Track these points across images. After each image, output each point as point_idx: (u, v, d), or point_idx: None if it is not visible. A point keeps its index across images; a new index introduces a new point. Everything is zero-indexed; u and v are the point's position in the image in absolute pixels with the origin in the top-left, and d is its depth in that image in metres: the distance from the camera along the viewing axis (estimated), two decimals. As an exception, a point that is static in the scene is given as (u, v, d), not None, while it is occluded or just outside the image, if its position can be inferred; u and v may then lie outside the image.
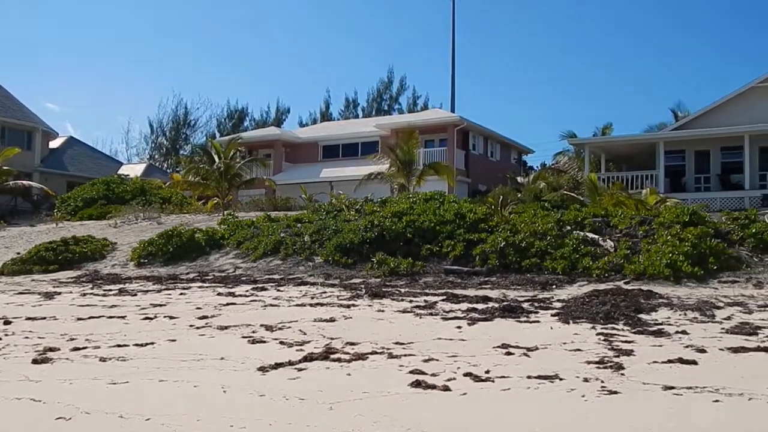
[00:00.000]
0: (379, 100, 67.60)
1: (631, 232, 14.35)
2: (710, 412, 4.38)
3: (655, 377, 5.26)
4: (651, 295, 9.99)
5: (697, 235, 12.80)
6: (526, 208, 18.34)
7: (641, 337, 7.02)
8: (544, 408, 4.58)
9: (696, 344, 6.50)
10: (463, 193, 32.87)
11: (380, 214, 16.58)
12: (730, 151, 29.94)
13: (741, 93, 30.41)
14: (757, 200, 27.01)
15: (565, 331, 7.43)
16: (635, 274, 11.89)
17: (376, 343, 6.82)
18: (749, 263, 12.54)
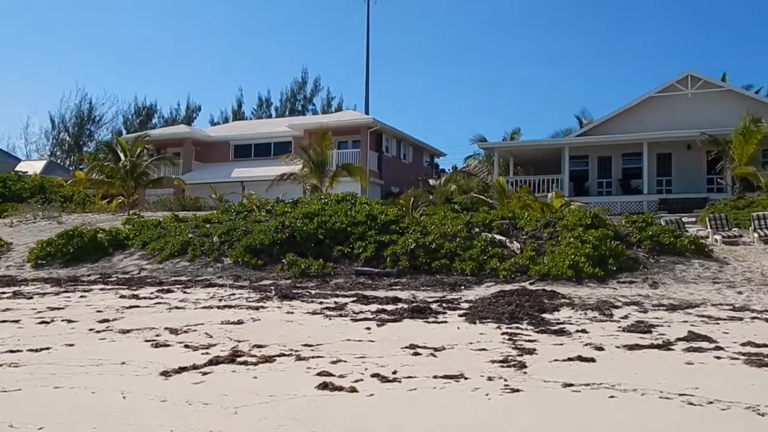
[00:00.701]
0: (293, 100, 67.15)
1: (536, 234, 14.78)
2: (606, 408, 4.54)
3: (556, 375, 5.42)
4: (554, 295, 10.32)
5: (598, 237, 13.31)
6: (436, 210, 18.62)
7: (544, 336, 7.22)
8: (449, 407, 4.64)
9: (595, 342, 6.74)
10: (376, 195, 33.06)
11: (291, 215, 16.45)
12: (630, 158, 31.30)
13: (641, 102, 31.86)
14: (654, 204, 28.33)
15: (472, 331, 7.56)
16: (540, 275, 12.25)
17: (284, 346, 6.75)
18: (646, 264, 13.14)
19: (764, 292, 10.58)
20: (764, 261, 14.21)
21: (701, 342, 6.67)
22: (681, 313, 8.74)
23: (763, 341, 6.64)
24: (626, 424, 4.24)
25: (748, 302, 9.65)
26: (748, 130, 25.30)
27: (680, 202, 27.77)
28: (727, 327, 7.67)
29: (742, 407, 4.46)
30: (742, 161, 25.32)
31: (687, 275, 12.42)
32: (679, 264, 13.33)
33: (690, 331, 7.16)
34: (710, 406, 4.53)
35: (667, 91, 31.51)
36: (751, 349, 6.33)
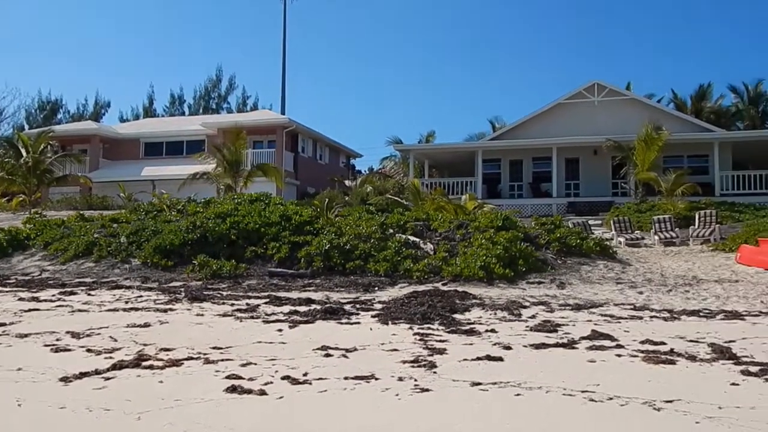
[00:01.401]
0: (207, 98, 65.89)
1: (449, 235, 15.00)
2: (512, 406, 4.64)
3: (465, 374, 5.50)
4: (466, 295, 10.48)
5: (509, 239, 13.62)
6: (352, 212, 18.62)
7: (454, 336, 7.32)
8: (359, 408, 4.64)
9: (503, 342, 6.88)
10: (292, 196, 32.81)
11: (204, 215, 16.10)
12: (540, 162, 32.26)
13: (550, 108, 32.86)
14: (563, 207, 29.27)
15: (384, 332, 7.59)
16: (452, 276, 12.42)
17: (192, 349, 6.58)
18: (554, 265, 13.53)
19: (663, 292, 11.07)
20: (664, 262, 14.90)
21: (603, 340, 6.91)
22: (585, 312, 9.03)
23: (661, 339, 6.93)
24: (530, 421, 4.34)
25: (648, 302, 10.06)
26: (650, 137, 26.49)
27: (587, 205, 28.80)
28: (628, 325, 7.97)
29: (640, 402, 4.64)
30: (645, 167, 26.47)
31: (592, 276, 12.86)
32: (585, 265, 13.80)
33: (593, 330, 7.41)
34: (610, 402, 4.69)
35: (575, 98, 32.63)
36: (649, 346, 6.60)
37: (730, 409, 4.48)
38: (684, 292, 10.95)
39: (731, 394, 4.87)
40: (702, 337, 7.13)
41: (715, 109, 42.10)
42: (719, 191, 28.07)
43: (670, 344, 6.68)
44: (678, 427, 4.17)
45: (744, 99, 42.22)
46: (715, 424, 4.19)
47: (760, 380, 5.27)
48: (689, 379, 5.38)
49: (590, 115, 31.86)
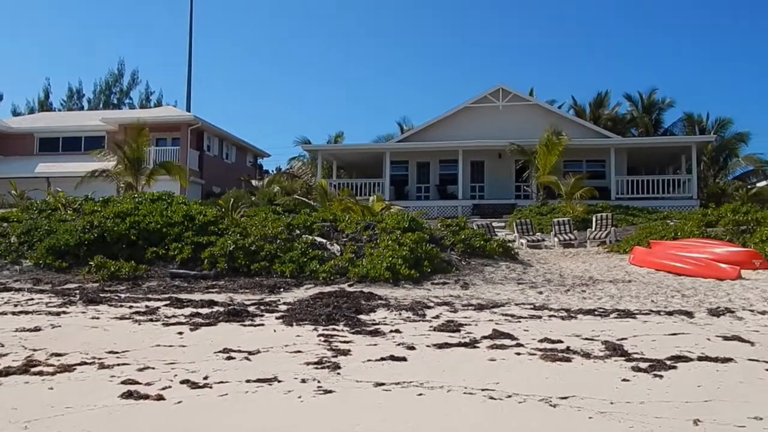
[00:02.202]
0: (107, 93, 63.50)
1: (356, 236, 15.02)
2: (414, 405, 4.68)
3: (369, 375, 5.51)
4: (371, 296, 10.51)
5: (415, 240, 13.76)
6: (258, 212, 18.37)
7: (359, 336, 7.32)
8: (260, 411, 4.57)
9: (407, 342, 6.93)
10: (196, 195, 32.08)
11: (102, 214, 15.47)
12: (447, 164, 32.81)
13: (457, 111, 33.48)
14: (468, 209, 29.87)
15: (288, 334, 7.50)
16: (358, 277, 12.43)
17: (86, 353, 6.31)
18: (458, 266, 13.77)
19: (561, 292, 11.44)
20: (563, 263, 15.43)
21: (504, 339, 7.07)
22: (488, 312, 9.22)
23: (558, 337, 7.15)
24: (431, 420, 4.38)
25: (547, 301, 10.37)
26: (551, 142, 27.42)
27: (491, 208, 29.51)
28: (528, 324, 8.18)
29: (537, 399, 4.77)
30: (546, 171, 27.38)
31: (495, 276, 13.16)
32: (488, 266, 14.11)
33: (495, 330, 7.57)
34: (509, 399, 4.80)
35: (480, 102, 33.37)
36: (547, 345, 6.80)
37: (621, 404, 4.67)
38: (581, 292, 11.36)
39: (622, 390, 5.07)
40: (597, 335, 7.40)
41: (612, 116, 43.96)
42: (615, 195, 29.34)
43: (567, 342, 6.91)
44: (572, 423, 4.31)
45: (638, 107, 44.25)
46: (607, 419, 4.35)
47: (649, 376, 5.51)
48: (584, 376, 5.57)
49: (495, 119, 32.66)
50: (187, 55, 47.18)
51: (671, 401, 4.74)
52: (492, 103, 33.24)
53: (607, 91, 44.79)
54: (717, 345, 6.87)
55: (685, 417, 4.36)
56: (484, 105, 33.30)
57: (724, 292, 11.03)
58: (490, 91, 33.39)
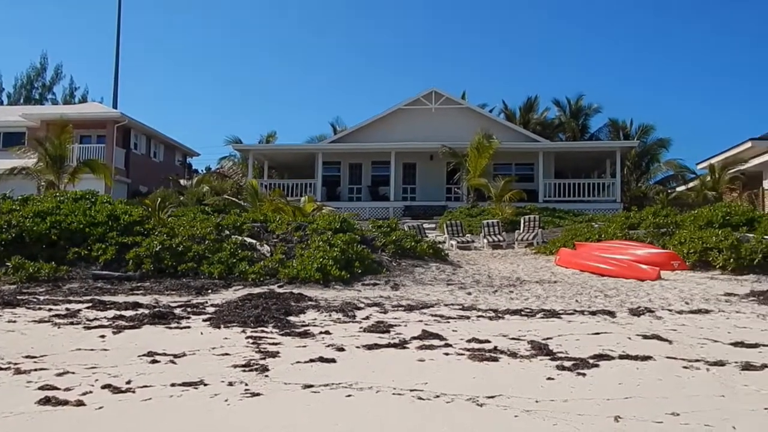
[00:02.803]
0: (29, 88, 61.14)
1: (287, 237, 14.89)
2: (343, 407, 4.66)
3: (297, 377, 5.46)
4: (301, 298, 10.43)
5: (346, 241, 13.74)
6: (186, 212, 18.04)
7: (288, 338, 7.25)
8: (185, 415, 4.47)
9: (337, 343, 6.90)
10: (122, 194, 31.23)
11: (20, 213, 14.86)
12: (379, 166, 32.89)
13: (390, 113, 33.60)
14: (399, 210, 30.03)
15: (216, 336, 7.37)
16: (289, 278, 12.33)
17: (2, 358, 6.04)
18: (389, 267, 13.82)
19: (489, 292, 11.62)
20: (491, 264, 15.67)
21: (433, 340, 7.12)
22: (417, 313, 9.27)
23: (486, 337, 7.25)
24: (359, 421, 4.37)
25: (476, 302, 10.51)
26: (482, 145, 27.83)
27: (422, 209, 29.74)
28: (457, 325, 8.27)
29: (464, 399, 4.82)
30: (476, 173, 27.77)
31: (425, 277, 13.26)
32: (418, 267, 14.21)
33: (424, 330, 7.62)
34: (437, 399, 4.83)
35: (414, 105, 33.58)
36: (475, 345, 6.88)
37: (546, 402, 4.76)
38: (509, 293, 11.56)
39: (547, 388, 5.17)
40: (523, 335, 7.54)
41: (540, 121, 44.95)
42: (543, 198, 30.00)
43: (495, 342, 7.01)
44: (498, 422, 4.37)
45: (566, 112, 45.37)
46: (532, 417, 4.42)
47: (572, 374, 5.64)
48: (510, 375, 5.66)
49: (428, 122, 32.93)
50: (114, 51, 45.80)
51: (593, 399, 4.86)
52: (425, 105, 33.51)
53: (537, 96, 45.79)
54: (637, 344, 7.09)
55: (607, 414, 4.47)
56: (417, 107, 33.54)
57: (645, 293, 11.40)
58: (423, 94, 33.64)
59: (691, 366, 6.00)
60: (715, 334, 7.75)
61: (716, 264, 13.50)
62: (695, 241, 14.26)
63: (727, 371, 5.80)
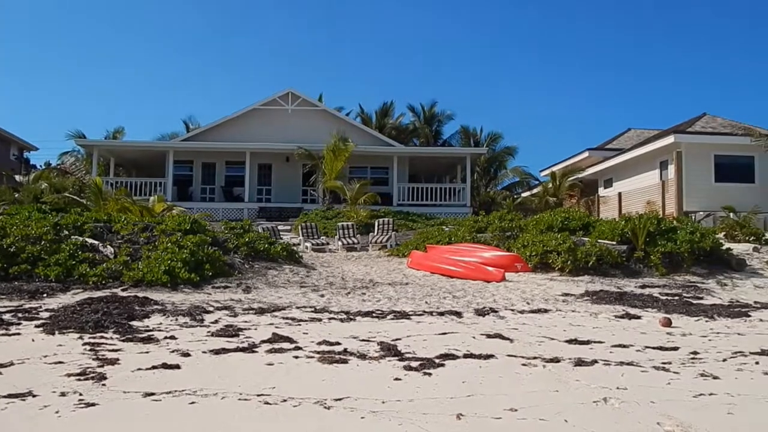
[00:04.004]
0: None
1: (133, 238, 14.20)
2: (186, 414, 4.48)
3: (138, 385, 5.20)
4: (147, 301, 9.97)
5: (196, 242, 13.31)
6: (20, 210, 16.77)
7: (130, 344, 6.90)
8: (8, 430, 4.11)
9: (182, 348, 6.65)
10: (-53, 190, 28.55)
11: None
12: (233, 166, 32.27)
13: (246, 113, 33.05)
14: (254, 212, 29.58)
15: (49, 343, 6.88)
16: (134, 281, 11.75)
17: None
18: (241, 269, 13.53)
19: (342, 294, 11.66)
20: (345, 266, 15.75)
21: (283, 343, 7.03)
22: (268, 316, 9.14)
23: (337, 339, 7.27)
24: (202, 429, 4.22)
25: (329, 304, 10.51)
26: (338, 148, 28.01)
27: (278, 211, 29.48)
28: (308, 327, 8.23)
29: (312, 402, 4.78)
30: (332, 176, 27.90)
31: (278, 280, 13.10)
32: (272, 269, 14.02)
33: (274, 333, 7.51)
34: (284, 403, 4.76)
35: (270, 105, 33.23)
36: (325, 347, 6.87)
37: (392, 402, 4.82)
38: (361, 295, 11.66)
39: (394, 389, 5.24)
40: (373, 336, 7.62)
41: (396, 126, 45.94)
42: (397, 201, 30.61)
43: (345, 344, 7.03)
44: (345, 424, 4.36)
45: (421, 118, 46.67)
46: (378, 418, 4.46)
47: (419, 374, 5.75)
48: (359, 377, 5.69)
49: (284, 123, 32.70)
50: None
51: (438, 397, 4.98)
52: (281, 106, 33.24)
53: (392, 102, 46.78)
54: (481, 343, 7.37)
55: (450, 412, 4.59)
56: (274, 108, 33.21)
57: (490, 294, 11.89)
58: (280, 94, 33.36)
59: (529, 363, 6.30)
60: (552, 333, 8.21)
61: (555, 266, 14.30)
62: (537, 245, 15.04)
63: (562, 367, 6.15)
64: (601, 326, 8.88)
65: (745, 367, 6.32)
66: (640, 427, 4.34)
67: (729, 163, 25.46)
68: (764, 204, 24.13)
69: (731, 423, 4.54)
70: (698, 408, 4.84)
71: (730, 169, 25.44)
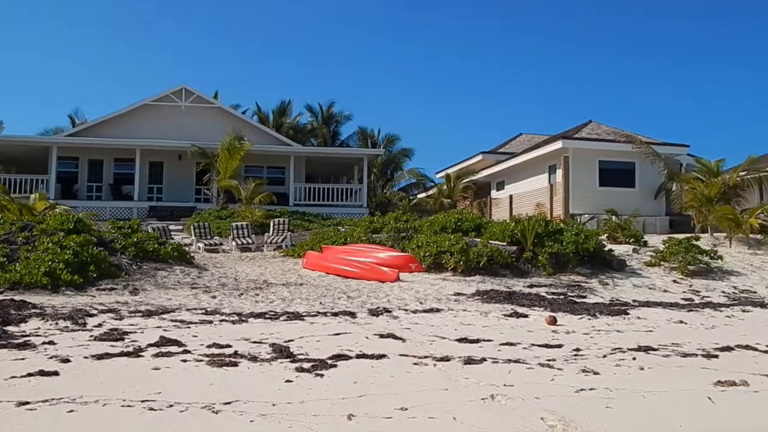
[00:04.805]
0: None
1: (10, 238, 13.40)
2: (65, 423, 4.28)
3: (11, 393, 4.91)
4: (24, 305, 9.42)
5: (80, 243, 12.72)
6: None
7: (4, 351, 6.50)
8: None
9: (62, 354, 6.33)
10: None
11: None
12: (123, 163, 31.07)
13: (136, 108, 31.88)
14: (144, 211, 28.59)
15: None
16: (10, 284, 11.08)
17: None
18: (129, 271, 13.04)
19: (235, 296, 11.44)
20: (239, 267, 15.46)
21: (171, 346, 6.82)
22: (156, 318, 8.84)
23: (227, 342, 7.12)
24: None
25: (220, 306, 10.28)
26: (233, 146, 27.46)
27: (169, 210, 28.59)
28: (198, 330, 8.01)
29: (200, 407, 4.65)
30: (227, 175, 27.33)
31: (168, 281, 12.70)
32: (161, 270, 13.59)
33: (162, 337, 7.27)
34: (170, 409, 4.61)
35: (162, 101, 32.20)
36: (215, 350, 6.71)
37: (283, 405, 4.76)
38: (254, 296, 11.47)
39: (285, 391, 5.17)
40: (266, 338, 7.51)
41: (293, 125, 45.57)
42: (293, 201, 30.35)
43: (236, 346, 6.90)
44: (233, 428, 4.27)
45: (318, 118, 46.54)
46: (268, 421, 4.39)
47: (311, 375, 5.71)
48: (249, 380, 5.59)
49: (177, 120, 31.77)
50: None
51: (329, 399, 4.96)
52: (174, 102, 32.26)
53: (290, 101, 46.35)
54: (374, 343, 7.41)
55: (341, 413, 4.58)
56: (166, 104, 32.19)
57: (384, 294, 11.98)
58: (173, 90, 32.38)
59: (421, 362, 6.38)
60: (444, 332, 8.36)
61: (448, 266, 14.58)
62: (431, 245, 15.29)
63: (452, 366, 6.26)
64: (490, 325, 9.12)
65: (623, 362, 6.64)
66: (524, 423, 4.47)
67: (612, 168, 26.76)
68: (644, 207, 25.55)
69: (609, 416, 4.75)
70: (579, 403, 5.04)
71: (613, 174, 26.74)
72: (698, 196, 22.09)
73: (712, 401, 5.20)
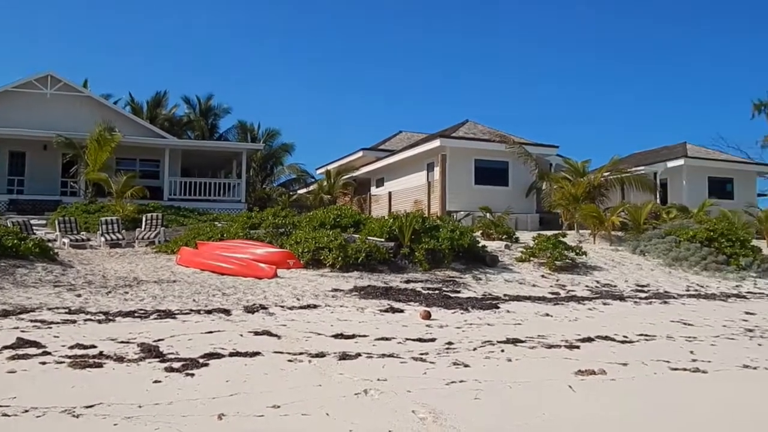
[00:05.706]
0: None
1: None
2: None
3: None
4: None
5: (-72, 237, 11.75)
6: None
7: None
8: None
9: None
10: None
11: None
12: (-21, 153, 28.97)
13: (-5, 95, 29.80)
14: (4, 205, 26.83)
15: None
16: None
17: None
18: (-16, 268, 12.16)
19: (102, 294, 10.91)
20: (107, 264, 14.78)
21: (29, 348, 6.42)
22: (14, 318, 8.29)
23: (92, 342, 6.79)
24: None
25: (85, 304, 9.77)
26: (103, 137, 26.19)
27: (32, 204, 26.94)
28: (60, 330, 7.58)
29: (59, 411, 4.43)
30: (96, 167, 26.04)
31: (28, 279, 11.94)
32: (21, 267, 12.77)
33: (19, 338, 6.84)
34: (25, 414, 4.36)
35: (25, 88, 30.25)
36: (78, 351, 6.38)
37: (150, 406, 4.59)
38: (123, 294, 10.99)
39: (153, 392, 4.99)
40: (134, 337, 7.22)
41: (169, 117, 44.03)
42: (168, 196, 29.33)
43: (101, 347, 6.59)
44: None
45: (196, 111, 45.22)
46: (134, 423, 4.22)
47: (181, 375, 5.54)
48: (114, 381, 5.35)
49: (42, 108, 29.92)
50: None
51: (199, 398, 4.83)
52: (39, 89, 30.38)
53: (166, 92, 44.73)
54: (248, 340, 7.29)
55: (211, 413, 4.48)
56: (30, 91, 30.25)
57: (261, 290, 11.81)
58: (38, 77, 30.47)
59: (295, 359, 6.34)
60: (320, 328, 8.34)
61: (327, 262, 14.57)
62: (309, 241, 15.22)
63: (327, 362, 6.26)
64: (366, 320, 9.20)
65: (492, 355, 6.88)
66: (396, 416, 4.53)
67: (487, 167, 27.65)
68: (516, 205, 26.58)
69: (478, 407, 4.90)
70: (450, 395, 5.17)
71: (488, 172, 27.64)
72: (566, 194, 23.27)
73: (573, 390, 5.48)
